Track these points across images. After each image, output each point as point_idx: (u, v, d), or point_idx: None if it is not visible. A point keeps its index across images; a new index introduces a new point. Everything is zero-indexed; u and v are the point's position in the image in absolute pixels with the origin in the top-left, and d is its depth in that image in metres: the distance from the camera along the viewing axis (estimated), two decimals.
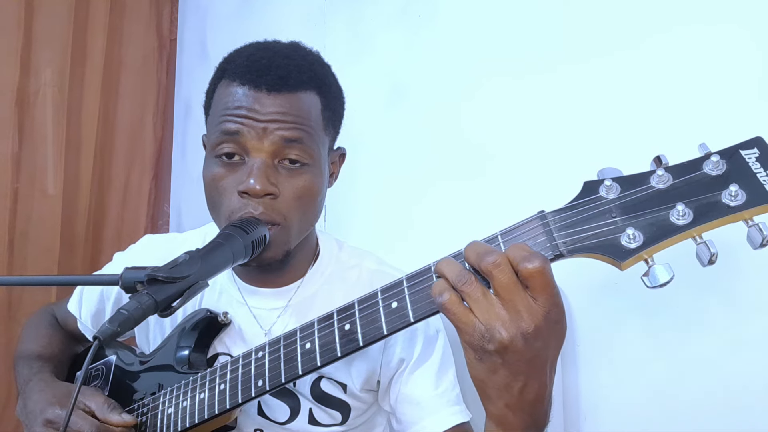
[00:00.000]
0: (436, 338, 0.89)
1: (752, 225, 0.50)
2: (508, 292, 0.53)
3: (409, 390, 0.87)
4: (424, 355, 0.88)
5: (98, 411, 0.83)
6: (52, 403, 0.86)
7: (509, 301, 0.53)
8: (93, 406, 0.84)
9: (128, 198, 2.14)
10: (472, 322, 0.54)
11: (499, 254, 0.53)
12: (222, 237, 0.75)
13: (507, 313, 0.53)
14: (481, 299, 0.54)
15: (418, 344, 0.88)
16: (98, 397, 0.85)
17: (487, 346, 0.53)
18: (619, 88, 1.05)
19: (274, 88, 0.79)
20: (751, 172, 0.52)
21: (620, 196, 0.55)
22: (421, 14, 1.42)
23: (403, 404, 0.88)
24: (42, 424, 0.85)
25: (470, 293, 0.54)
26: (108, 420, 0.83)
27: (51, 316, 1.10)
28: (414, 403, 0.87)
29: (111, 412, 0.83)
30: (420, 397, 0.86)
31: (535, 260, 0.52)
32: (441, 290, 0.55)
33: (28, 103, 1.86)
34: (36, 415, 0.86)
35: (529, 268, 0.52)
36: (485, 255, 0.54)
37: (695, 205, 0.52)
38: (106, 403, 0.84)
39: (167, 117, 2.26)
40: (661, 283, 0.52)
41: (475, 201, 1.28)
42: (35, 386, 0.91)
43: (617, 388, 1.05)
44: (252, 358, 0.77)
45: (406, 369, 0.88)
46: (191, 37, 2.23)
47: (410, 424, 0.87)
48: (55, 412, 0.85)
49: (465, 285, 0.54)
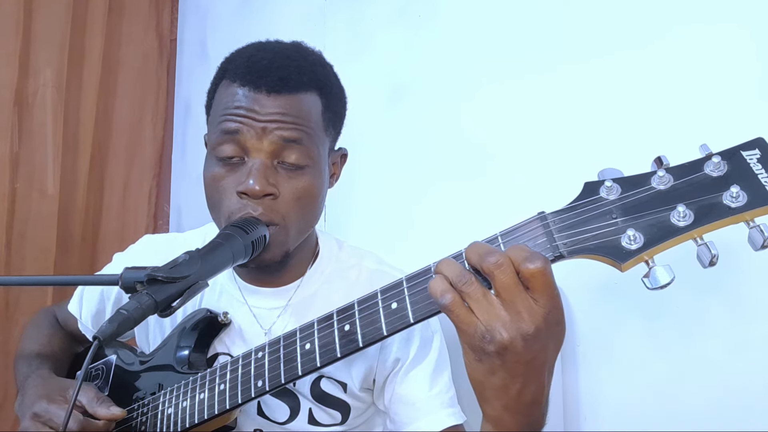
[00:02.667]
0: (432, 339, 0.89)
1: (753, 226, 0.50)
2: (509, 293, 0.53)
3: (403, 390, 0.87)
4: (420, 356, 0.88)
5: (88, 405, 0.83)
6: (41, 396, 0.86)
7: (510, 301, 0.53)
8: (84, 401, 0.84)
9: (129, 198, 2.14)
10: (474, 323, 0.54)
11: (500, 254, 0.53)
12: (222, 237, 0.75)
13: (507, 314, 0.53)
14: (481, 300, 0.54)
15: (414, 345, 0.88)
16: (89, 392, 0.85)
17: (488, 347, 0.53)
18: (620, 88, 1.05)
19: (274, 89, 0.79)
20: (752, 173, 0.51)
21: (621, 197, 0.54)
22: (421, 14, 1.42)
23: (398, 404, 0.88)
24: (29, 418, 0.84)
25: (471, 294, 0.54)
26: (96, 413, 0.82)
27: (52, 317, 1.10)
28: (408, 404, 0.87)
29: (100, 405, 0.83)
30: (414, 397, 0.86)
31: (537, 261, 0.52)
32: (443, 291, 0.55)
33: (27, 103, 1.86)
34: (26, 409, 0.86)
35: (531, 268, 0.52)
36: (487, 255, 0.54)
37: (696, 207, 0.51)
38: (96, 398, 0.84)
39: (167, 117, 2.26)
40: (662, 284, 0.52)
41: (475, 201, 1.28)
42: (33, 382, 0.91)
43: (617, 388, 1.05)
44: (252, 358, 0.77)
45: (401, 369, 0.88)
46: (191, 37, 2.23)
47: (404, 424, 0.86)
48: (42, 405, 0.85)
49: (465, 285, 0.54)
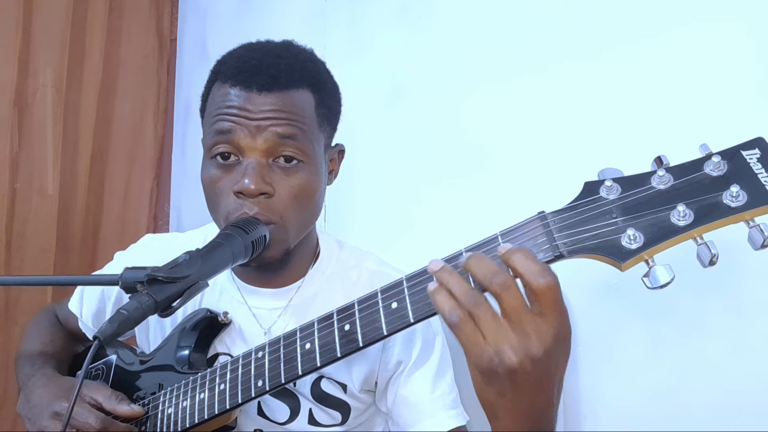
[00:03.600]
0: (434, 341, 0.89)
1: (753, 226, 0.50)
2: (517, 314, 0.52)
3: (406, 392, 0.87)
4: (422, 358, 0.88)
5: (106, 403, 0.83)
6: (59, 396, 0.86)
7: (518, 323, 0.52)
8: (100, 399, 0.83)
9: (129, 198, 2.13)
10: (481, 344, 0.52)
11: (507, 275, 0.52)
12: (222, 237, 0.75)
13: (516, 335, 0.51)
14: (490, 322, 0.52)
15: (417, 347, 0.88)
16: (104, 390, 0.85)
17: (497, 369, 0.52)
18: (621, 87, 1.05)
19: (265, 87, 0.79)
20: (752, 173, 0.51)
21: (621, 197, 0.54)
22: (421, 14, 1.42)
23: (400, 406, 0.88)
24: (50, 417, 0.84)
25: (480, 315, 0.53)
26: (116, 411, 0.83)
27: (53, 315, 1.10)
28: (411, 406, 0.87)
29: (119, 402, 0.83)
30: (417, 399, 0.86)
31: (547, 276, 0.51)
32: (450, 309, 0.54)
33: (27, 103, 1.85)
34: (42, 408, 0.86)
35: (541, 284, 0.51)
36: (494, 276, 0.53)
37: (696, 206, 0.51)
38: (113, 395, 0.84)
39: (167, 117, 2.26)
40: (661, 283, 0.52)
41: (474, 201, 1.28)
42: (38, 381, 0.91)
43: (617, 388, 1.05)
44: (252, 358, 0.77)
45: (404, 371, 0.88)
46: (191, 37, 2.23)
47: (407, 426, 0.86)
48: (62, 405, 0.84)
49: (475, 307, 0.53)
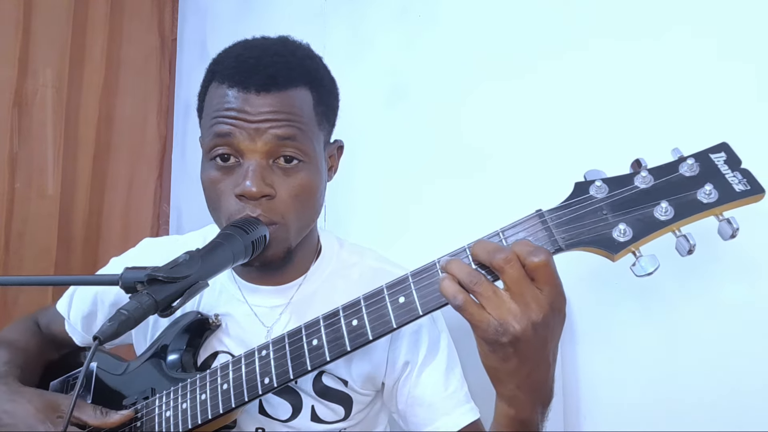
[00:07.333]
0: (440, 339, 0.89)
1: (722, 219, 0.57)
2: (518, 285, 0.57)
3: (419, 392, 0.87)
4: (430, 356, 0.88)
5: (91, 419, 0.83)
6: (41, 420, 0.84)
7: (519, 293, 0.57)
8: (84, 417, 0.84)
9: (132, 198, 2.13)
10: (486, 319, 0.58)
11: (509, 251, 0.58)
12: (222, 237, 0.75)
13: (517, 305, 0.57)
14: (492, 297, 0.58)
15: (423, 346, 0.88)
16: (86, 407, 0.85)
17: (501, 339, 0.57)
18: (620, 88, 1.05)
19: (264, 88, 0.78)
20: (720, 173, 0.58)
21: (608, 196, 0.61)
22: (421, 14, 1.42)
23: (414, 407, 0.87)
24: None
25: (482, 292, 0.58)
26: (107, 422, 0.83)
27: (32, 323, 1.07)
28: (426, 405, 0.86)
29: (107, 415, 0.83)
30: (431, 398, 0.86)
31: (541, 254, 0.57)
32: (455, 292, 0.59)
33: (27, 103, 1.85)
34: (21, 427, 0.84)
35: (536, 261, 0.57)
36: (496, 252, 0.58)
37: (676, 203, 0.58)
38: (96, 410, 0.84)
39: (168, 117, 2.26)
40: (648, 272, 0.58)
41: (473, 200, 1.28)
42: (5, 395, 0.88)
43: (617, 387, 1.05)
44: (255, 357, 0.77)
45: (413, 372, 0.88)
46: (191, 37, 2.23)
47: (422, 425, 0.86)
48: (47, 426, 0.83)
49: (476, 285, 0.59)
